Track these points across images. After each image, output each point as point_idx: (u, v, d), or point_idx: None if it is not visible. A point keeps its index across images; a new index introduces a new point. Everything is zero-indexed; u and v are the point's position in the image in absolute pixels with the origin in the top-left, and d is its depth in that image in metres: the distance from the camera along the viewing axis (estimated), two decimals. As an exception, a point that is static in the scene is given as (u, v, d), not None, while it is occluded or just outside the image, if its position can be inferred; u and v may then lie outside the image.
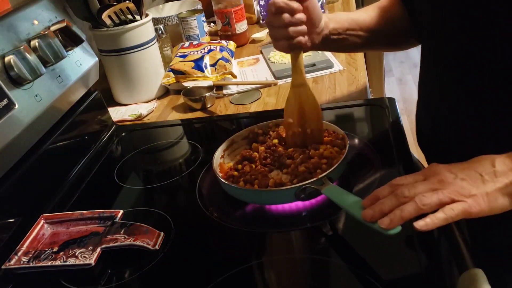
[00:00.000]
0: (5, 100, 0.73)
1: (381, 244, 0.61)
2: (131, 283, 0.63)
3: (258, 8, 1.67)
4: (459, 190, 0.52)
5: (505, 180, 0.52)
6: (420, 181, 0.55)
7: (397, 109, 0.93)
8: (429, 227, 0.51)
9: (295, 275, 0.61)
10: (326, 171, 0.70)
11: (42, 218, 0.74)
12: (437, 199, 0.52)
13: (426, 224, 0.51)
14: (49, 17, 0.89)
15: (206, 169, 0.85)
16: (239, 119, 1.04)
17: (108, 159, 0.97)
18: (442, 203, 0.52)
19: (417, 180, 0.55)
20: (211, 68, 1.20)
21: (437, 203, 0.52)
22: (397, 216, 0.52)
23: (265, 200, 0.73)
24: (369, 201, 0.56)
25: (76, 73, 0.92)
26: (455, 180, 0.53)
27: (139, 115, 1.12)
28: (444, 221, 0.51)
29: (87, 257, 0.66)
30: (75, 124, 0.94)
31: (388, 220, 0.53)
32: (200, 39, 1.42)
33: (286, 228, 0.69)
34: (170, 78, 1.18)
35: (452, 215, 0.51)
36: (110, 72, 1.18)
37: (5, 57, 0.75)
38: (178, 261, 0.66)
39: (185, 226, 0.73)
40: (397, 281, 0.58)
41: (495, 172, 0.53)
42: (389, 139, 0.85)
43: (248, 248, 0.67)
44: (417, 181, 0.55)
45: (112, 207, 0.81)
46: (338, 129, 0.81)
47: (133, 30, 1.11)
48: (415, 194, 0.53)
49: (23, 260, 0.67)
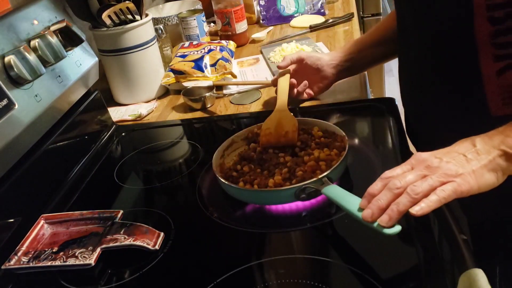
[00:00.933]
0: (5, 100, 0.73)
1: (381, 244, 0.61)
2: (131, 283, 0.63)
3: (258, 8, 1.67)
4: (447, 172, 0.54)
5: (488, 157, 0.55)
6: (408, 170, 0.57)
7: (397, 109, 0.93)
8: (425, 210, 0.52)
9: (295, 275, 0.61)
10: (326, 171, 0.70)
11: (42, 218, 0.74)
12: (427, 185, 0.54)
13: (421, 208, 0.52)
14: (49, 17, 0.89)
15: (206, 169, 0.85)
16: (239, 119, 1.04)
17: (108, 159, 0.97)
18: (433, 187, 0.54)
19: (405, 170, 0.57)
20: (211, 68, 1.20)
21: (428, 189, 0.53)
22: (394, 212, 0.53)
23: (265, 200, 0.73)
24: (366, 201, 0.57)
25: (76, 73, 0.92)
26: (441, 163, 0.55)
27: (139, 115, 1.12)
28: (437, 203, 0.53)
29: (87, 257, 0.66)
30: (75, 124, 0.94)
31: (387, 217, 0.53)
32: (200, 39, 1.42)
33: (286, 228, 0.69)
34: (170, 78, 1.18)
35: (445, 195, 0.53)
36: (110, 72, 1.18)
37: (5, 57, 0.75)
38: (178, 261, 0.66)
39: (185, 226, 0.73)
40: (397, 281, 0.58)
41: (477, 151, 0.56)
42: (389, 139, 0.85)
43: (248, 248, 0.67)
44: (405, 171, 0.57)
45: (112, 207, 0.81)
46: (338, 129, 0.81)
47: (133, 30, 1.11)
48: (407, 184, 0.54)
49: (23, 260, 0.67)
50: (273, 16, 1.65)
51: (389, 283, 0.57)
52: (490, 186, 0.56)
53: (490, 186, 0.56)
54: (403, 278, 0.58)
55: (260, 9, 1.66)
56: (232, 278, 0.60)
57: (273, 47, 1.37)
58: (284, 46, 1.34)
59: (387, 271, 0.59)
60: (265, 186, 0.72)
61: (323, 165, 0.73)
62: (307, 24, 1.54)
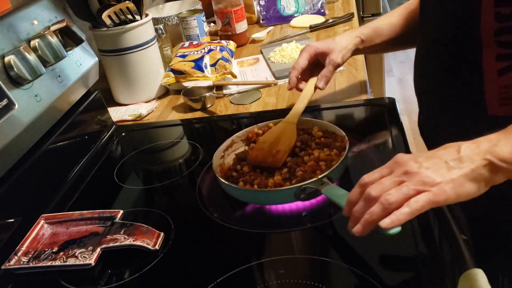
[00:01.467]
0: (5, 100, 0.73)
1: (381, 244, 0.61)
2: (131, 283, 0.63)
3: (258, 8, 1.67)
4: (424, 179, 0.52)
5: (471, 166, 0.52)
6: (387, 174, 0.55)
7: (397, 109, 0.93)
8: (395, 224, 0.51)
9: (295, 275, 0.61)
10: (326, 171, 0.70)
11: (42, 218, 0.74)
12: (402, 194, 0.52)
13: (391, 222, 0.51)
14: (49, 17, 0.89)
15: (206, 169, 0.85)
16: (239, 119, 1.04)
17: (108, 159, 0.97)
18: (407, 196, 0.52)
19: (384, 174, 0.55)
20: (211, 68, 1.20)
21: (403, 198, 0.52)
22: (367, 222, 0.52)
23: (265, 200, 0.73)
24: (348, 208, 0.56)
25: (76, 73, 0.92)
26: (420, 169, 0.53)
27: (139, 115, 1.12)
28: (409, 215, 0.51)
29: (87, 257, 0.66)
30: (75, 124, 0.94)
31: (360, 227, 0.53)
32: (200, 39, 1.42)
33: (286, 228, 0.69)
34: (170, 78, 1.18)
35: (417, 207, 0.51)
36: (110, 72, 1.18)
37: (5, 57, 0.75)
38: (178, 261, 0.66)
39: (185, 226, 0.73)
40: (397, 281, 0.58)
41: (460, 158, 0.53)
42: (389, 139, 0.85)
43: (248, 248, 0.67)
44: (383, 175, 0.55)
45: (112, 207, 0.81)
46: (338, 129, 0.81)
47: (133, 30, 1.11)
48: (382, 192, 0.53)
49: (23, 260, 0.67)
50: (273, 16, 1.65)
51: (389, 283, 0.57)
52: (470, 196, 0.53)
53: (469, 196, 0.53)
54: (403, 278, 0.58)
55: (260, 9, 1.66)
56: (232, 278, 0.60)
57: (273, 47, 1.37)
58: (284, 46, 1.34)
59: (387, 271, 0.59)
60: (265, 186, 0.72)
61: (323, 165, 0.73)
62: (307, 24, 1.54)
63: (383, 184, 0.54)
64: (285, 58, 1.29)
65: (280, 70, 1.23)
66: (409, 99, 3.04)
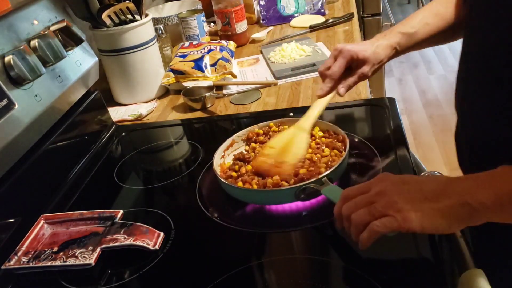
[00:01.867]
0: (5, 100, 0.73)
1: (381, 245, 0.61)
2: (131, 283, 0.63)
3: (258, 8, 1.67)
4: (392, 205, 0.52)
5: (446, 202, 0.51)
6: (365, 191, 0.56)
7: (397, 109, 0.93)
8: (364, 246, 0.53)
9: (295, 275, 0.61)
10: (326, 171, 0.70)
11: (42, 218, 0.74)
12: (367, 215, 0.53)
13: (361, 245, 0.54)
14: (49, 17, 0.89)
15: (206, 169, 0.85)
16: (239, 119, 1.04)
17: (108, 159, 0.97)
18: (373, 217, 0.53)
19: (362, 191, 0.57)
20: (211, 68, 1.20)
21: (368, 220, 0.53)
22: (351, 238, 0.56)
23: (265, 200, 0.73)
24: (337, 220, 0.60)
25: (76, 73, 0.92)
26: (392, 192, 0.53)
27: (139, 115, 1.12)
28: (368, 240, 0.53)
29: (87, 257, 0.66)
30: (75, 124, 0.94)
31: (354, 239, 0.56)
32: (200, 39, 1.42)
33: (286, 228, 0.69)
34: (170, 78, 1.18)
35: (377, 230, 0.52)
36: (110, 72, 1.18)
37: (5, 57, 0.75)
38: (178, 261, 0.66)
39: (185, 226, 0.73)
40: (397, 281, 0.57)
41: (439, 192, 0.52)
42: (389, 139, 0.85)
43: (248, 248, 0.67)
44: (362, 192, 0.57)
45: (112, 207, 0.81)
46: (338, 129, 0.81)
47: (133, 30, 1.11)
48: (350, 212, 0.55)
49: (23, 260, 0.67)
50: (273, 16, 1.65)
51: (389, 283, 0.57)
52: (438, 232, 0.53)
53: (438, 231, 0.53)
54: (403, 278, 0.58)
55: (260, 9, 1.66)
56: (232, 278, 0.60)
57: (273, 47, 1.37)
58: (284, 46, 1.34)
59: (387, 271, 0.59)
60: (264, 186, 0.72)
61: (323, 165, 0.73)
62: (307, 24, 1.54)
63: (356, 202, 0.56)
64: (285, 58, 1.29)
65: (280, 70, 1.23)
66: (409, 99, 3.04)
